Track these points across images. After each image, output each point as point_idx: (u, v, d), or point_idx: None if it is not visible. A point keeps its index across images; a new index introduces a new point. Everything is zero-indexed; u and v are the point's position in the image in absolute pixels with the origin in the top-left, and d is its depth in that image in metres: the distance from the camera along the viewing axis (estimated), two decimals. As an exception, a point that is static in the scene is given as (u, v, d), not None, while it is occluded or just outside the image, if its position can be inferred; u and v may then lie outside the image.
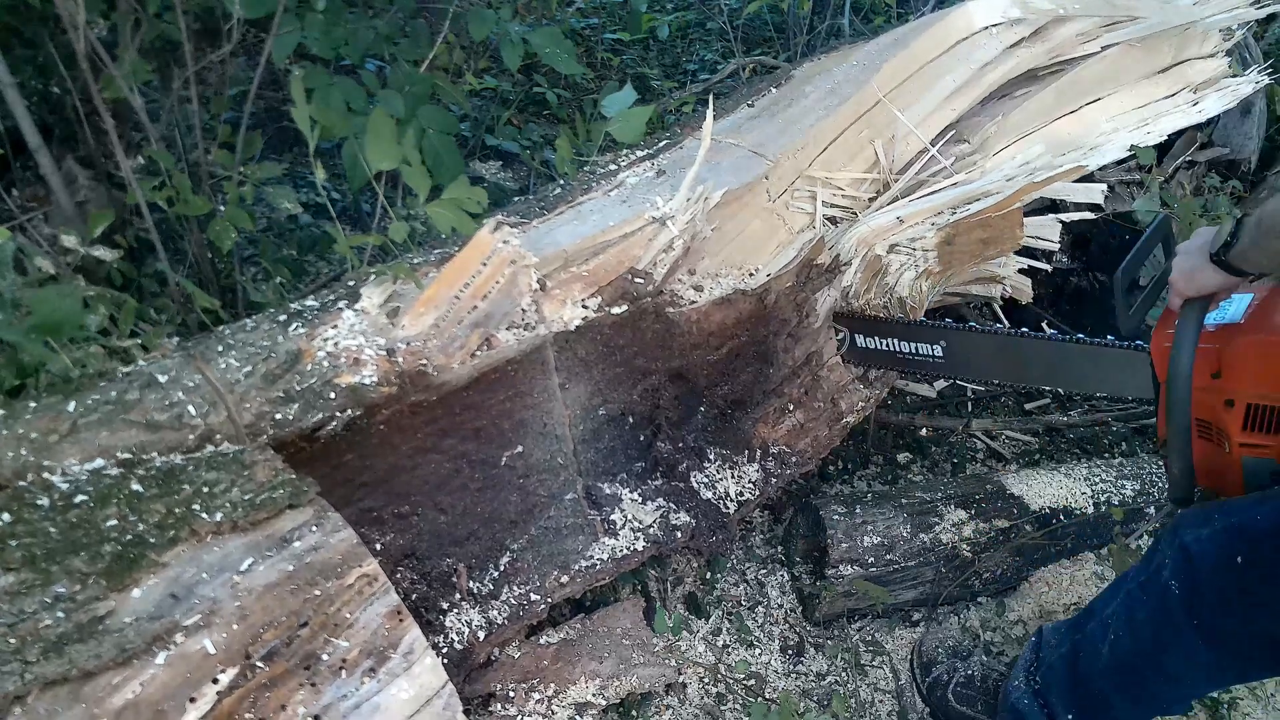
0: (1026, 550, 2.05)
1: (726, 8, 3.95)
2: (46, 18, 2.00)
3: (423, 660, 1.09)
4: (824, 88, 2.12)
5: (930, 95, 2.09)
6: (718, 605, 2.00)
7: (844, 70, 2.17)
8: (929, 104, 2.09)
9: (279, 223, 2.65)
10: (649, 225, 1.63)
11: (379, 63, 2.65)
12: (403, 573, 1.49)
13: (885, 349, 1.90)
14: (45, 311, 1.39)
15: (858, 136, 2.01)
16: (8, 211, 2.04)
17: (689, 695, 1.83)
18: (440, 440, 1.46)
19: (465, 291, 1.41)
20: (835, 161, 1.98)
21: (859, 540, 1.93)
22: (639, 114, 1.97)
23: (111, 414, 1.22)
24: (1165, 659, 1.44)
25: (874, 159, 2.02)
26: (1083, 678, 1.57)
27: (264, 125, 2.89)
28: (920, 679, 1.90)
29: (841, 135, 1.99)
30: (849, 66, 2.18)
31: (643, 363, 1.65)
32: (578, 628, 1.76)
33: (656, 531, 1.70)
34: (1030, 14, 2.22)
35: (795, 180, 1.91)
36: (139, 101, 1.82)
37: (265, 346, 1.34)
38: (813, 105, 2.07)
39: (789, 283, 1.78)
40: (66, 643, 0.96)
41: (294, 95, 1.63)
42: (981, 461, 2.44)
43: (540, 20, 3.07)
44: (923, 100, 2.09)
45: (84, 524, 1.07)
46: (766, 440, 1.85)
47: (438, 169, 1.97)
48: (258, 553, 1.08)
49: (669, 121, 3.02)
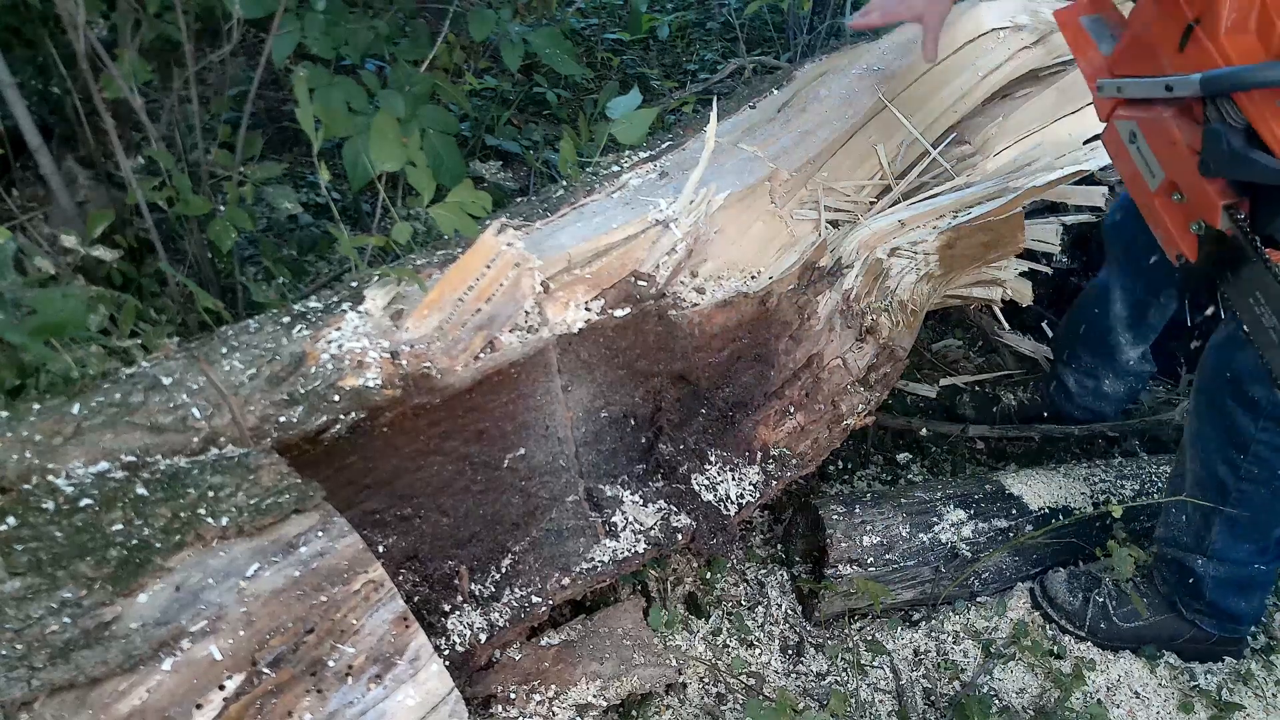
0: (1025, 550, 2.06)
1: (729, 7, 3.95)
2: (46, 18, 1.99)
3: (429, 666, 1.09)
4: (838, 93, 2.11)
5: (937, 99, 2.10)
6: (718, 605, 2.00)
7: (857, 74, 2.16)
8: (935, 108, 2.09)
9: (279, 223, 2.64)
10: (652, 228, 1.63)
11: (379, 63, 2.65)
12: (405, 575, 1.49)
13: None
14: (49, 312, 1.39)
15: (865, 141, 2.01)
16: (8, 211, 2.04)
17: (689, 695, 1.84)
18: (443, 442, 1.46)
19: (469, 294, 1.41)
20: (842, 166, 1.98)
21: (858, 540, 1.93)
22: (643, 116, 1.97)
23: (115, 416, 1.22)
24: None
25: (878, 164, 2.02)
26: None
27: (264, 125, 2.89)
28: (1077, 627, 2.01)
29: (850, 141, 1.99)
30: (861, 70, 2.17)
31: (645, 365, 1.66)
32: (578, 629, 1.76)
33: (657, 533, 1.70)
34: (1039, 24, 2.23)
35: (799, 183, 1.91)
36: (139, 101, 1.81)
37: (269, 349, 1.34)
38: (828, 113, 2.06)
39: (790, 285, 1.78)
40: (73, 649, 0.96)
41: (297, 95, 1.62)
42: (981, 461, 2.45)
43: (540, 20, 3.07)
44: (929, 104, 2.09)
45: (89, 528, 1.07)
46: (767, 442, 1.85)
47: (438, 169, 1.97)
48: (264, 558, 1.08)
49: (669, 122, 3.02)
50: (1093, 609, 1.99)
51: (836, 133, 2.00)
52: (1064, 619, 2.02)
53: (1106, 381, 2.30)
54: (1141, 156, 1.54)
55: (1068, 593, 2.02)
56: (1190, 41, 1.39)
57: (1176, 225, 1.52)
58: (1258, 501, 1.75)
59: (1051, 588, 2.04)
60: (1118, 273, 2.16)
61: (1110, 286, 2.18)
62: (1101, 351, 2.26)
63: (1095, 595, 2.00)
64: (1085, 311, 2.27)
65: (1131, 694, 1.96)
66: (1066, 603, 2.01)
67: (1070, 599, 2.01)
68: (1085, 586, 2.02)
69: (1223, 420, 1.72)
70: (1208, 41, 1.37)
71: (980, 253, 2.05)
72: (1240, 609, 1.91)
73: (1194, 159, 1.43)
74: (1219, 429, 1.73)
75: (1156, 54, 1.47)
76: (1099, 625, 1.99)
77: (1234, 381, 1.67)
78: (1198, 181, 1.44)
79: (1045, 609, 2.04)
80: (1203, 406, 1.77)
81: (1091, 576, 2.04)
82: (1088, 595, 2.01)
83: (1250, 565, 1.84)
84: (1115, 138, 1.60)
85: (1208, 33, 1.37)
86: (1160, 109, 1.49)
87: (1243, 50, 1.35)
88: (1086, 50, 1.69)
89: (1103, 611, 1.99)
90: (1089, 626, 1.99)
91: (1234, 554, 1.82)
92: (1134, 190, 1.59)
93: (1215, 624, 1.93)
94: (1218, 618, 1.92)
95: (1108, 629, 1.99)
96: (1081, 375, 2.32)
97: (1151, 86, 1.47)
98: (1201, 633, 1.95)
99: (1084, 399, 2.35)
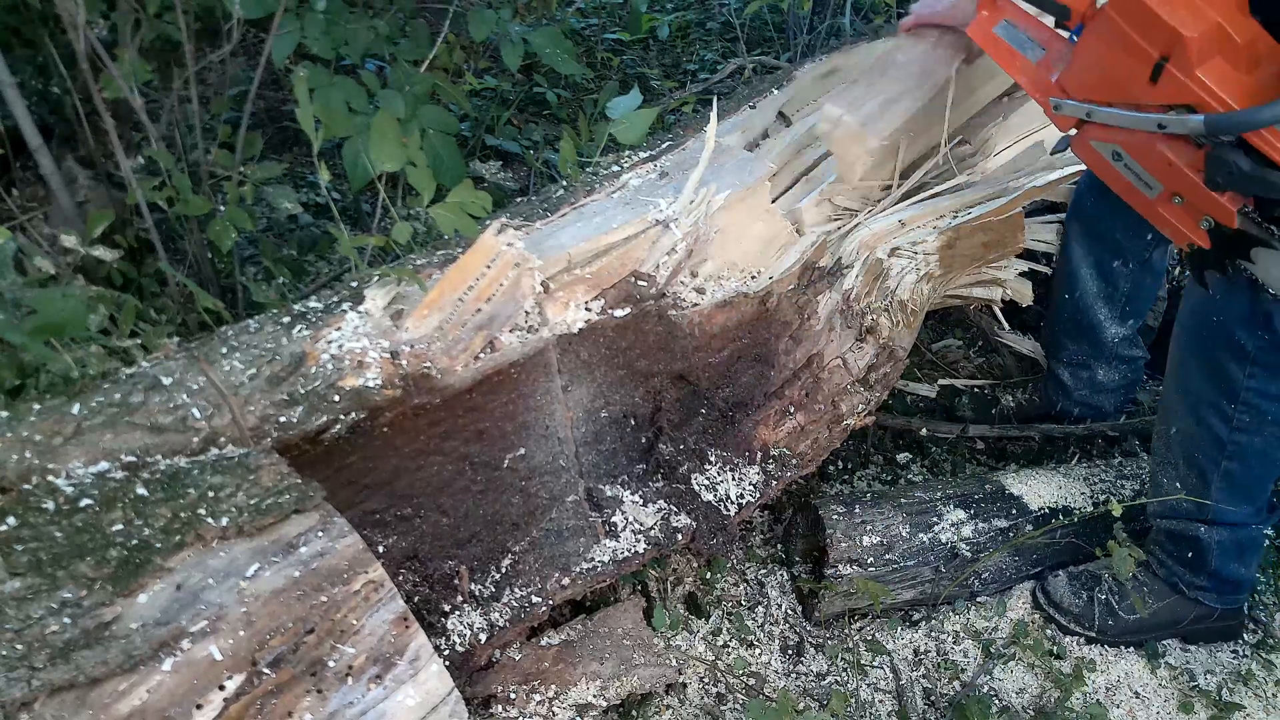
0: (1025, 550, 2.06)
1: (729, 7, 3.95)
2: (46, 18, 1.99)
3: (429, 667, 1.09)
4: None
5: (971, 100, 2.10)
6: (718, 605, 2.00)
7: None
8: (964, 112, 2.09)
9: (279, 223, 2.64)
10: (652, 228, 1.63)
11: (379, 63, 2.65)
12: (405, 575, 1.49)
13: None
14: (49, 312, 1.39)
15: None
16: (8, 211, 2.04)
17: (689, 695, 1.84)
18: (443, 443, 1.46)
19: (469, 294, 1.41)
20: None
21: (858, 540, 1.93)
22: (643, 116, 1.97)
23: (116, 416, 1.22)
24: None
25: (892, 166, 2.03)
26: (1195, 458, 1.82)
27: (264, 125, 2.89)
28: (1086, 628, 2.02)
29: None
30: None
31: (645, 365, 1.66)
32: (578, 629, 1.76)
33: (657, 533, 1.70)
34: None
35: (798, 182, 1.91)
36: (139, 101, 1.81)
37: (269, 349, 1.34)
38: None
39: (790, 285, 1.78)
40: (73, 649, 0.96)
41: (297, 95, 1.62)
42: (981, 461, 2.45)
43: (540, 20, 3.07)
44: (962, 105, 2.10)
45: (89, 528, 1.07)
46: (767, 442, 1.85)
47: (438, 169, 1.97)
48: (264, 558, 1.08)
49: (669, 122, 3.02)
50: (1098, 608, 2.00)
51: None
52: (1071, 621, 2.02)
53: (1100, 370, 2.30)
54: (1133, 172, 1.55)
55: (1071, 595, 2.03)
56: (1163, 75, 1.41)
57: (1184, 223, 1.54)
58: (1252, 451, 1.77)
59: (1055, 592, 2.04)
60: (1081, 251, 2.17)
61: (1076, 266, 2.18)
62: (1085, 336, 2.26)
63: (1098, 594, 2.01)
64: (1059, 299, 2.27)
65: (1131, 694, 1.96)
66: (1072, 605, 2.02)
67: (1075, 600, 2.02)
68: (1087, 586, 2.03)
69: (1212, 372, 1.73)
70: (1182, 76, 1.38)
71: (980, 253, 2.05)
72: (1240, 574, 1.94)
73: (1197, 175, 1.45)
74: (1209, 382, 1.74)
75: (1123, 85, 1.48)
76: (1106, 623, 2.00)
77: (1222, 330, 1.68)
78: (1204, 193, 1.46)
79: (1050, 613, 2.05)
80: (1189, 362, 1.78)
81: (1092, 575, 2.05)
82: (1091, 595, 2.01)
83: (1249, 526, 1.88)
84: (1095, 155, 1.61)
85: (1180, 68, 1.38)
86: (1143, 134, 1.50)
87: (1220, 78, 1.37)
88: (1014, 61, 1.71)
89: (1107, 609, 1.99)
90: (1097, 626, 2.00)
91: (1234, 515, 1.85)
92: (1129, 198, 1.61)
93: (1217, 597, 1.96)
94: (1219, 589, 1.95)
95: (1115, 625, 2.00)
96: (1074, 368, 2.32)
97: (1136, 120, 1.48)
98: (1205, 609, 1.97)
99: (1081, 393, 2.34)
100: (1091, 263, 2.17)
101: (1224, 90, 1.36)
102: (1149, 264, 2.16)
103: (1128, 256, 2.13)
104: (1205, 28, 1.35)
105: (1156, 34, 1.39)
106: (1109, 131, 1.56)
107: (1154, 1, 1.38)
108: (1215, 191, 1.44)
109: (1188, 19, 1.36)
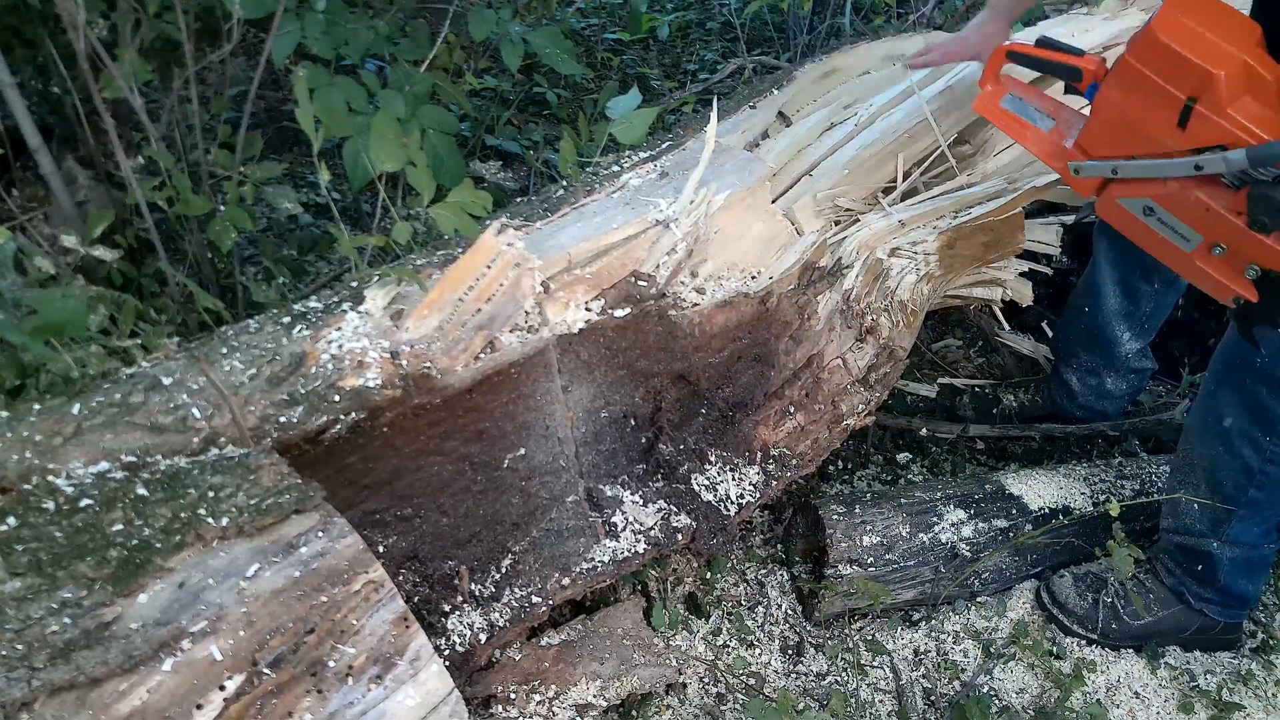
0: (1025, 550, 2.06)
1: (729, 7, 3.95)
2: (46, 18, 1.99)
3: (429, 667, 1.09)
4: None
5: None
6: (718, 605, 2.00)
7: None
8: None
9: (279, 223, 2.64)
10: (652, 228, 1.63)
11: (379, 63, 2.65)
12: (405, 575, 1.49)
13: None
14: (49, 312, 1.39)
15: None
16: (8, 211, 2.04)
17: (689, 695, 1.84)
18: (443, 443, 1.46)
19: (469, 294, 1.41)
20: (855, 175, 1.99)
21: (858, 540, 1.93)
22: (642, 116, 1.97)
23: (116, 416, 1.22)
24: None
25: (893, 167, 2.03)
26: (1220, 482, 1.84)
27: (264, 125, 2.89)
28: (1089, 630, 2.02)
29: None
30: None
31: (645, 365, 1.66)
32: (578, 629, 1.76)
33: (657, 533, 1.70)
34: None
35: (798, 182, 1.91)
36: (139, 101, 1.81)
37: (269, 349, 1.33)
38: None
39: (790, 285, 1.78)
40: (73, 649, 0.96)
41: (297, 95, 1.62)
42: (981, 461, 2.45)
43: (540, 20, 3.07)
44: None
45: (89, 528, 1.07)
46: (767, 442, 1.85)
47: (438, 169, 1.97)
48: (264, 558, 1.08)
49: (669, 122, 3.02)
50: (1102, 611, 2.00)
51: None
52: (1074, 623, 2.02)
53: (1109, 380, 2.31)
54: (1167, 226, 1.53)
55: (1076, 596, 2.03)
56: (1193, 117, 1.39)
57: (1226, 275, 1.52)
58: (1278, 481, 1.79)
59: (1060, 593, 2.04)
60: (1106, 265, 2.17)
61: (1100, 280, 2.18)
62: (1100, 347, 2.26)
63: (1103, 596, 2.01)
64: (1079, 309, 2.27)
65: (1131, 694, 1.96)
66: (1076, 606, 2.02)
67: (1079, 602, 2.02)
68: (1092, 588, 2.03)
69: (1248, 403, 1.74)
70: (1214, 115, 1.37)
71: (980, 253, 2.05)
72: (1246, 590, 1.95)
73: (1238, 218, 1.43)
74: (1244, 412, 1.75)
75: (1150, 134, 1.47)
76: (1110, 626, 2.00)
77: (1263, 366, 1.69)
78: (1248, 236, 1.44)
79: (1054, 614, 2.05)
80: (1224, 391, 1.78)
81: (1097, 577, 2.05)
82: (1096, 597, 2.02)
83: (1261, 546, 1.88)
84: (1123, 214, 1.58)
85: (1211, 107, 1.37)
86: (1176, 182, 1.48)
87: (1251, 115, 1.36)
88: (1025, 132, 1.71)
89: (1112, 612, 2.00)
90: (1101, 629, 2.00)
91: (1249, 536, 1.86)
92: (1163, 256, 1.58)
93: (1221, 610, 1.97)
94: (1225, 603, 1.96)
95: (1119, 629, 2.00)
96: (1083, 374, 2.33)
97: (1166, 167, 1.47)
98: (1208, 621, 1.98)
99: (1087, 399, 2.35)
100: (1117, 279, 2.16)
101: (1258, 126, 1.35)
102: (1174, 284, 2.16)
103: (1154, 277, 2.13)
104: (1233, 66, 1.35)
105: (1184, 76, 1.38)
106: (1138, 186, 1.53)
107: (1180, 44, 1.37)
108: (1260, 233, 1.41)
109: (1216, 58, 1.35)
